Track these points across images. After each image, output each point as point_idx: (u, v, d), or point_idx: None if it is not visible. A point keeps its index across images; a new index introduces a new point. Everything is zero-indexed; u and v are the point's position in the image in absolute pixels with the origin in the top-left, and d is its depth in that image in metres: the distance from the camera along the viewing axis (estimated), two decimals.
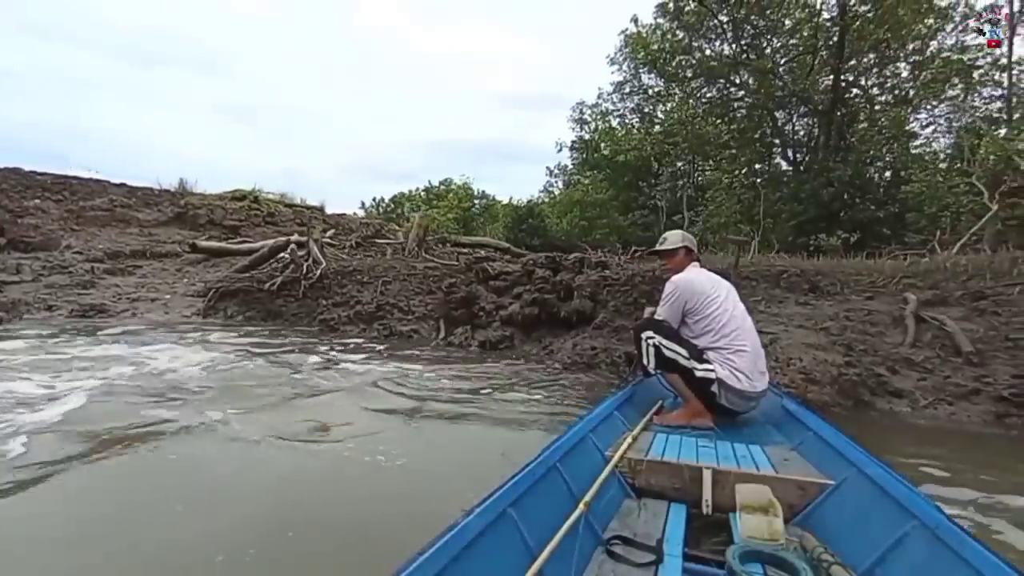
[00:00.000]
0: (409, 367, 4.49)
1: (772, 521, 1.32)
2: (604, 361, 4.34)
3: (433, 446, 2.74)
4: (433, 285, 7.06)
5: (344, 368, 4.30)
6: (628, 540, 1.37)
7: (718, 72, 16.84)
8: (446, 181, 33.29)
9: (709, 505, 1.56)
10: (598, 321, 5.08)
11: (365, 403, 3.34)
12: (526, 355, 5.42)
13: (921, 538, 1.14)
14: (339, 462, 2.36)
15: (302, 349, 5.25)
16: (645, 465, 1.74)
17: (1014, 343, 3.84)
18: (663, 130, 15.47)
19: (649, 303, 4.74)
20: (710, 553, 1.35)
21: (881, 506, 1.32)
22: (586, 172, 22.54)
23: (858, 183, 13.98)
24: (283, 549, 1.61)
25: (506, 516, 1.17)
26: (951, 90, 15.80)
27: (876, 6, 13.86)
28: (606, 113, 19.98)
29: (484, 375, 4.28)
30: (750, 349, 2.28)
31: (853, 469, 1.52)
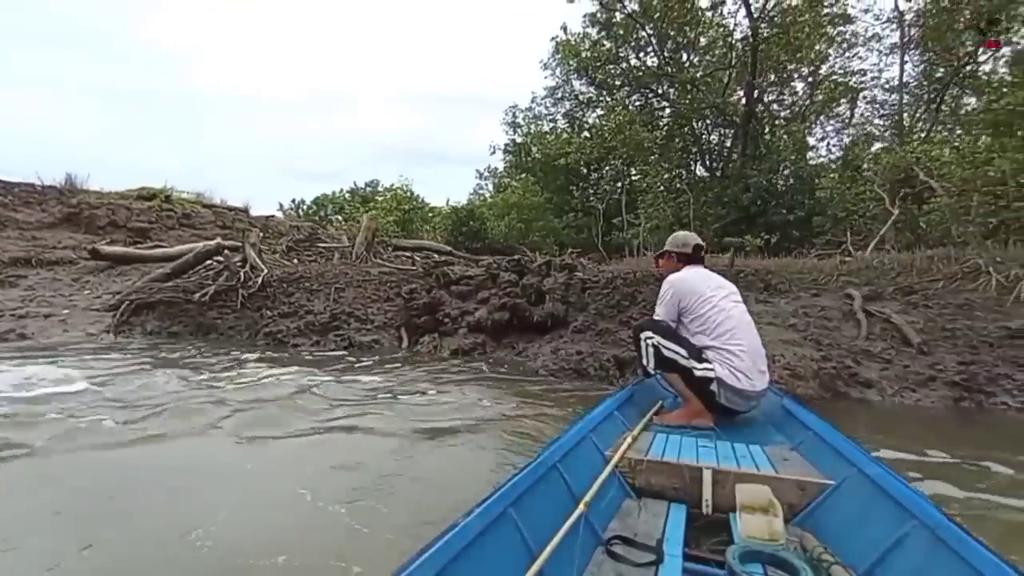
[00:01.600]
0: (389, 381, 4.14)
1: (772, 521, 1.32)
2: (592, 366, 4.29)
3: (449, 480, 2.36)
4: (391, 291, 6.66)
5: (312, 393, 3.77)
6: (628, 540, 1.37)
7: (644, 82, 17.75)
8: (372, 183, 32.08)
9: (709, 505, 1.56)
10: (578, 325, 5.04)
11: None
12: (501, 361, 5.24)
13: (921, 538, 1.14)
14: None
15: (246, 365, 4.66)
16: (645, 465, 1.74)
17: (951, 332, 4.32)
18: (600, 135, 15.92)
19: (632, 305, 4.81)
20: (710, 553, 1.35)
21: (881, 506, 1.32)
22: (518, 175, 22.84)
23: (772, 190, 15.38)
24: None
25: (506, 516, 1.16)
26: (839, 108, 17.89)
27: (777, 28, 15.32)
28: (539, 117, 20.28)
29: (483, 391, 3.98)
30: (748, 348, 2.27)
31: (853, 469, 1.53)
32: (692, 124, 18.20)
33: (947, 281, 5.10)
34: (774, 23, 14.95)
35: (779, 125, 17.81)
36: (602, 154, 14.74)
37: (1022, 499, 2.08)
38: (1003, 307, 4.45)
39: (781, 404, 2.46)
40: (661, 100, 19.00)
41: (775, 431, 2.27)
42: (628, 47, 18.47)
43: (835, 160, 15.44)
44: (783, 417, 2.35)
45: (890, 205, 8.64)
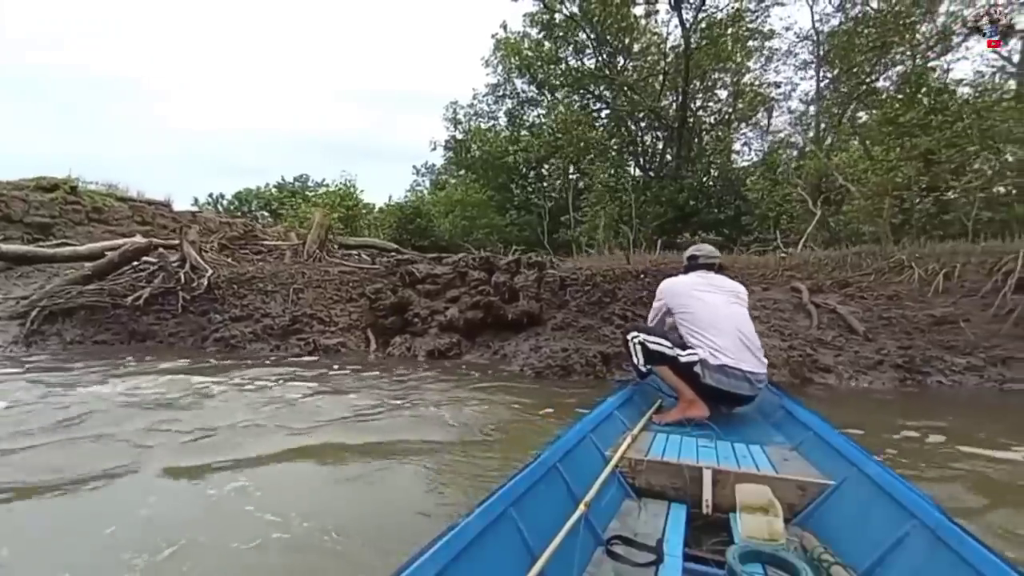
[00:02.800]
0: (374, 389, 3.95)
1: (772, 521, 1.33)
2: (579, 363, 4.35)
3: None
4: (353, 291, 6.34)
5: (284, 404, 3.41)
6: (628, 540, 1.38)
7: (583, 83, 18.23)
8: (302, 177, 30.41)
9: (709, 505, 1.57)
10: (558, 322, 5.09)
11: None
12: (480, 362, 5.19)
13: (921, 538, 1.15)
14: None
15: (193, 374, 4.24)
16: (645, 465, 1.74)
17: (888, 321, 4.85)
18: (545, 133, 16.16)
19: (612, 302, 4.94)
20: (710, 553, 1.35)
21: (881, 506, 1.34)
22: (457, 172, 22.66)
23: (704, 190, 16.43)
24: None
25: (506, 516, 1.17)
26: (758, 117, 19.43)
27: (705, 40, 16.37)
28: (480, 114, 20.20)
29: (481, 396, 3.82)
30: (729, 332, 2.37)
31: (853, 469, 1.54)
32: (628, 126, 18.98)
33: (877, 275, 5.72)
34: (703, 34, 15.89)
35: (706, 130, 19.07)
36: (549, 152, 14.91)
37: (954, 460, 2.47)
38: (926, 297, 5.06)
39: (781, 404, 2.49)
40: (598, 102, 19.65)
41: (775, 431, 2.30)
42: (568, 48, 18.88)
43: (757, 164, 16.73)
44: (783, 417, 2.39)
45: (813, 206, 9.51)
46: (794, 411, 2.30)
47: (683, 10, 15.35)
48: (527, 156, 15.34)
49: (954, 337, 4.48)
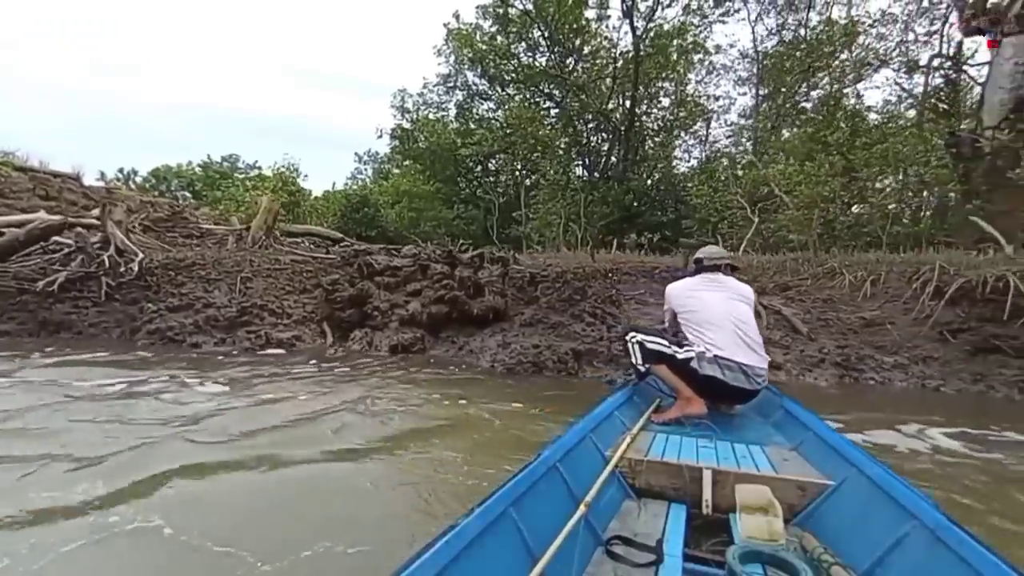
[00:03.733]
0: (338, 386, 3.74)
1: (772, 521, 1.34)
2: (551, 359, 4.37)
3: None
4: (307, 282, 5.98)
5: (225, 406, 3.02)
6: (628, 540, 1.38)
7: (535, 80, 18.34)
8: (231, 158, 28.28)
9: (709, 505, 1.57)
10: (527, 318, 5.08)
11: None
12: (446, 358, 5.08)
13: (921, 538, 1.16)
14: None
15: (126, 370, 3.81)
16: (645, 465, 1.75)
17: (825, 322, 5.29)
18: (499, 128, 16.08)
19: (583, 299, 5.00)
20: (710, 553, 1.36)
21: (881, 506, 1.35)
22: (403, 162, 22.08)
23: (649, 193, 17.11)
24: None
25: (506, 516, 1.17)
26: (697, 127, 20.50)
27: (653, 49, 17.04)
28: (429, 104, 19.77)
29: (452, 392, 3.75)
30: (725, 325, 2.43)
31: (853, 469, 1.56)
32: (576, 126, 19.34)
33: (813, 280, 6.22)
34: (652, 43, 16.49)
35: (649, 135, 19.86)
36: (501, 147, 14.87)
37: (886, 446, 2.80)
38: (856, 301, 5.58)
39: (781, 404, 2.52)
40: (548, 100, 19.86)
41: (775, 431, 2.32)
42: (521, 45, 18.91)
43: (696, 171, 17.67)
44: (783, 417, 2.41)
45: (750, 214, 10.19)
46: (794, 411, 2.33)
47: (634, 18, 15.83)
48: (479, 149, 15.18)
49: (882, 338, 4.96)
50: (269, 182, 12.20)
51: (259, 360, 4.53)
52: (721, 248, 2.98)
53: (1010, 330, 4.43)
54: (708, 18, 16.52)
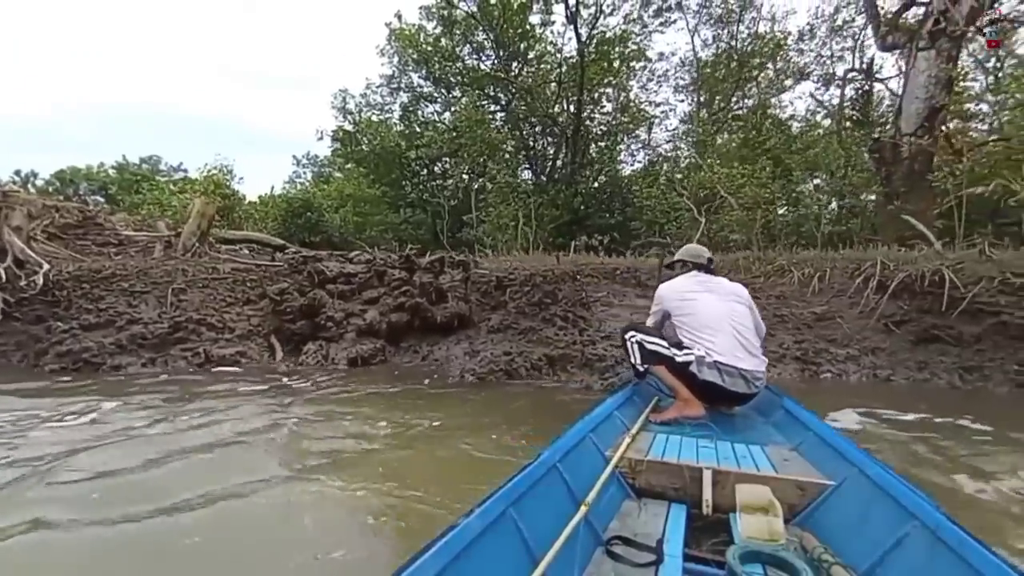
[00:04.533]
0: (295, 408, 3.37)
1: (772, 521, 1.34)
2: (523, 366, 4.19)
3: None
4: (251, 292, 5.45)
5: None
6: (628, 540, 1.38)
7: (482, 83, 18.20)
8: (151, 159, 26.07)
9: (709, 505, 1.57)
10: (495, 324, 4.87)
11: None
12: (411, 369, 4.78)
13: (921, 538, 1.16)
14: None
15: None
16: (645, 465, 1.75)
17: (781, 318, 5.48)
18: (446, 131, 15.80)
19: (553, 303, 4.87)
20: (710, 553, 1.36)
21: (881, 506, 1.35)
22: (346, 165, 21.26)
23: (597, 196, 17.39)
24: None
25: (506, 516, 1.17)
26: (640, 131, 21.15)
27: (597, 55, 17.43)
28: (372, 105, 19.14)
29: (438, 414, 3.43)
30: (724, 328, 2.42)
31: (853, 469, 1.56)
32: (523, 130, 19.39)
33: (765, 277, 6.46)
34: (597, 49, 16.84)
35: (594, 139, 20.26)
36: (450, 150, 14.59)
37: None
38: (806, 297, 5.83)
39: (781, 404, 2.50)
40: (494, 104, 19.79)
41: (775, 431, 2.31)
42: (466, 48, 18.72)
43: (640, 174, 18.18)
44: (783, 417, 2.40)
45: (698, 215, 10.54)
46: (794, 411, 2.32)
47: (578, 25, 16.08)
48: (428, 152, 14.83)
49: (833, 331, 5.19)
50: (199, 185, 11.22)
51: (197, 381, 4.03)
52: (699, 245, 2.95)
53: (947, 320, 4.76)
54: (648, 27, 17.08)
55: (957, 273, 4.83)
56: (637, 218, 14.70)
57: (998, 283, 4.68)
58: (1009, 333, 4.52)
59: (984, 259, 5.02)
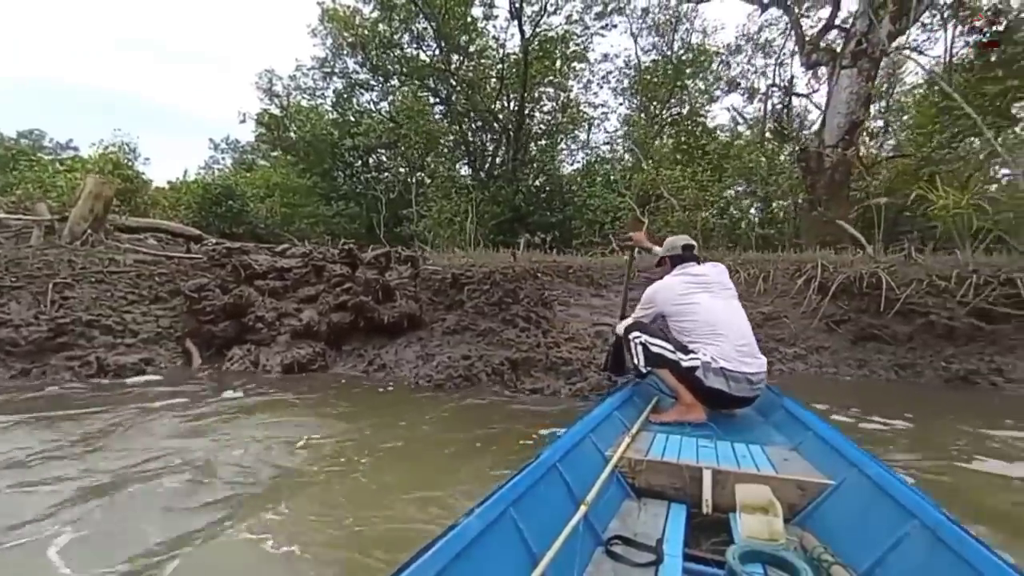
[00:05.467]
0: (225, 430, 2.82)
1: (772, 521, 1.34)
2: (484, 371, 3.86)
3: None
4: (160, 288, 4.67)
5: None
6: (628, 540, 1.38)
7: (423, 74, 17.55)
8: (32, 134, 22.76)
9: (709, 505, 1.57)
10: (451, 325, 4.49)
11: None
12: (357, 375, 4.29)
13: (921, 538, 1.17)
14: None
15: None
16: (645, 465, 1.74)
17: None
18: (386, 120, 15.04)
19: (514, 303, 4.57)
20: (710, 553, 1.36)
21: (881, 506, 1.35)
22: (271, 153, 19.75)
23: (538, 193, 17.34)
24: None
25: (506, 516, 1.17)
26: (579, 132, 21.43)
27: (539, 51, 17.38)
28: (304, 89, 17.86)
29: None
30: (728, 333, 2.35)
31: (853, 469, 1.56)
32: (463, 124, 18.97)
33: None
34: (540, 47, 16.77)
35: (534, 138, 20.26)
36: (390, 140, 13.86)
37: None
38: (752, 297, 5.97)
39: (781, 404, 2.47)
40: (434, 96, 19.17)
41: (775, 431, 2.29)
42: (405, 35, 17.96)
43: (579, 173, 18.37)
44: (783, 417, 2.37)
45: (641, 215, 10.72)
46: (794, 411, 2.29)
47: (522, 22, 15.92)
48: (366, 141, 14.00)
49: (781, 331, 5.35)
50: (93, 163, 9.72)
51: (86, 396, 3.31)
52: (686, 236, 2.83)
53: (883, 320, 5.03)
54: (590, 29, 17.26)
55: (892, 276, 5.12)
56: (578, 217, 14.81)
57: (926, 285, 5.01)
58: (936, 332, 4.85)
59: (912, 263, 5.38)
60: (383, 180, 18.60)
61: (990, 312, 4.86)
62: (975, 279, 4.93)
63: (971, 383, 4.46)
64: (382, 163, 19.20)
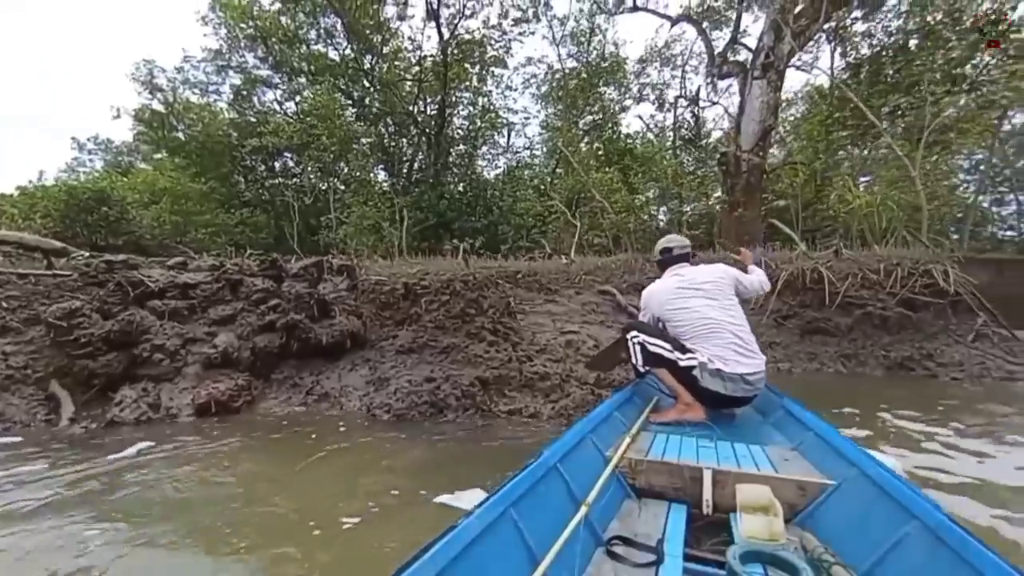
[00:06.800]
0: None
1: (772, 521, 1.34)
2: (453, 395, 3.33)
3: None
4: (7, 317, 3.57)
5: None
6: (628, 540, 1.37)
7: (335, 73, 16.40)
8: None
9: (709, 505, 1.57)
10: (407, 343, 3.89)
11: None
12: (297, 411, 3.55)
13: (921, 538, 1.16)
14: None
15: None
16: (645, 465, 1.73)
17: None
18: (296, 120, 13.76)
19: (479, 313, 4.08)
20: (710, 553, 1.36)
21: (881, 506, 1.35)
22: (155, 155, 17.39)
23: (462, 199, 16.86)
24: None
25: (506, 516, 1.16)
26: (497, 137, 21.31)
27: (458, 53, 17.01)
28: (194, 84, 15.92)
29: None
30: (721, 335, 2.33)
31: (854, 469, 1.55)
32: (379, 128, 18.03)
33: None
34: (461, 50, 16.40)
35: (455, 142, 19.80)
36: (303, 141, 12.67)
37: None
38: None
39: (781, 404, 2.43)
40: (347, 98, 18.01)
41: (775, 431, 2.28)
42: (312, 32, 16.69)
43: (502, 178, 18.19)
44: (783, 417, 2.35)
45: (572, 218, 10.68)
46: (794, 411, 2.27)
47: (441, 26, 15.44)
48: (275, 141, 12.68)
49: None
50: None
51: None
52: (675, 236, 2.84)
53: (826, 313, 5.24)
54: (508, 35, 17.20)
55: (829, 271, 5.37)
56: (504, 222, 14.59)
57: (860, 279, 5.31)
58: (872, 323, 5.13)
59: (843, 259, 5.70)
60: (291, 186, 17.12)
61: (913, 301, 5.24)
62: (899, 272, 5.31)
63: (908, 369, 4.74)
64: (289, 168, 17.68)
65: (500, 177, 18.62)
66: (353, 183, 14.82)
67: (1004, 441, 2.78)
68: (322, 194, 14.71)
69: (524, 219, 13.71)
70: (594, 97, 18.31)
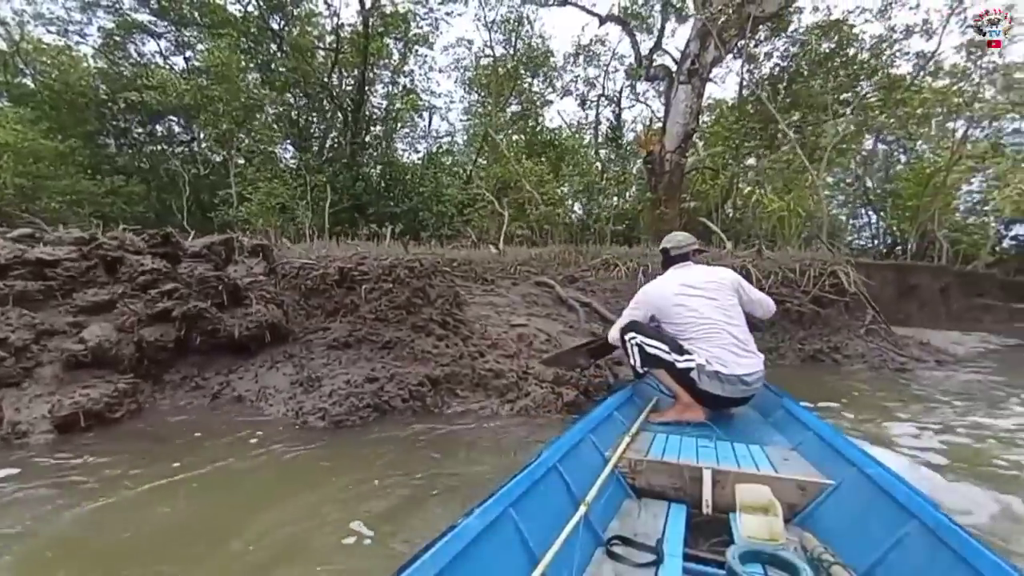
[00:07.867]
0: None
1: (772, 521, 1.34)
2: (400, 396, 2.91)
3: None
4: None
5: None
6: (628, 540, 1.38)
7: (240, 29, 14.53)
8: None
9: (709, 505, 1.57)
10: (341, 337, 3.35)
11: None
12: (193, 421, 2.89)
13: (921, 538, 1.17)
14: None
15: None
16: (645, 465, 1.73)
17: (618, 312, 5.51)
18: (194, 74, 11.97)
19: (426, 304, 3.66)
20: (710, 553, 1.36)
21: (881, 506, 1.35)
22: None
23: (380, 182, 15.86)
24: None
25: (506, 516, 1.16)
26: (419, 120, 20.41)
27: (380, 27, 15.93)
28: (50, 21, 13.27)
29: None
30: (719, 337, 2.33)
31: (853, 469, 1.56)
32: (284, 95, 16.36)
33: (594, 271, 6.55)
34: (381, 22, 15.34)
35: (374, 121, 18.61)
36: (198, 102, 11.03)
37: None
38: (635, 289, 6.04)
39: (781, 404, 2.42)
40: (248, 58, 16.08)
41: (775, 431, 2.26)
42: None
43: (423, 163, 17.43)
44: (783, 417, 2.34)
45: (500, 208, 10.44)
46: (794, 411, 2.27)
47: None
48: (162, 99, 10.91)
49: None
50: None
51: None
52: (685, 234, 2.77)
53: None
54: (434, 12, 16.43)
55: (755, 268, 5.66)
56: (426, 208, 13.99)
57: (781, 277, 5.66)
58: (791, 318, 5.49)
59: (765, 258, 6.06)
60: (179, 155, 14.96)
61: (822, 299, 5.70)
62: (811, 271, 5.75)
63: (819, 361, 5.13)
64: (175, 133, 15.49)
65: (421, 161, 17.83)
66: (257, 156, 13.26)
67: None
68: (218, 167, 13.01)
69: (447, 206, 13.20)
70: (520, 87, 18.17)
